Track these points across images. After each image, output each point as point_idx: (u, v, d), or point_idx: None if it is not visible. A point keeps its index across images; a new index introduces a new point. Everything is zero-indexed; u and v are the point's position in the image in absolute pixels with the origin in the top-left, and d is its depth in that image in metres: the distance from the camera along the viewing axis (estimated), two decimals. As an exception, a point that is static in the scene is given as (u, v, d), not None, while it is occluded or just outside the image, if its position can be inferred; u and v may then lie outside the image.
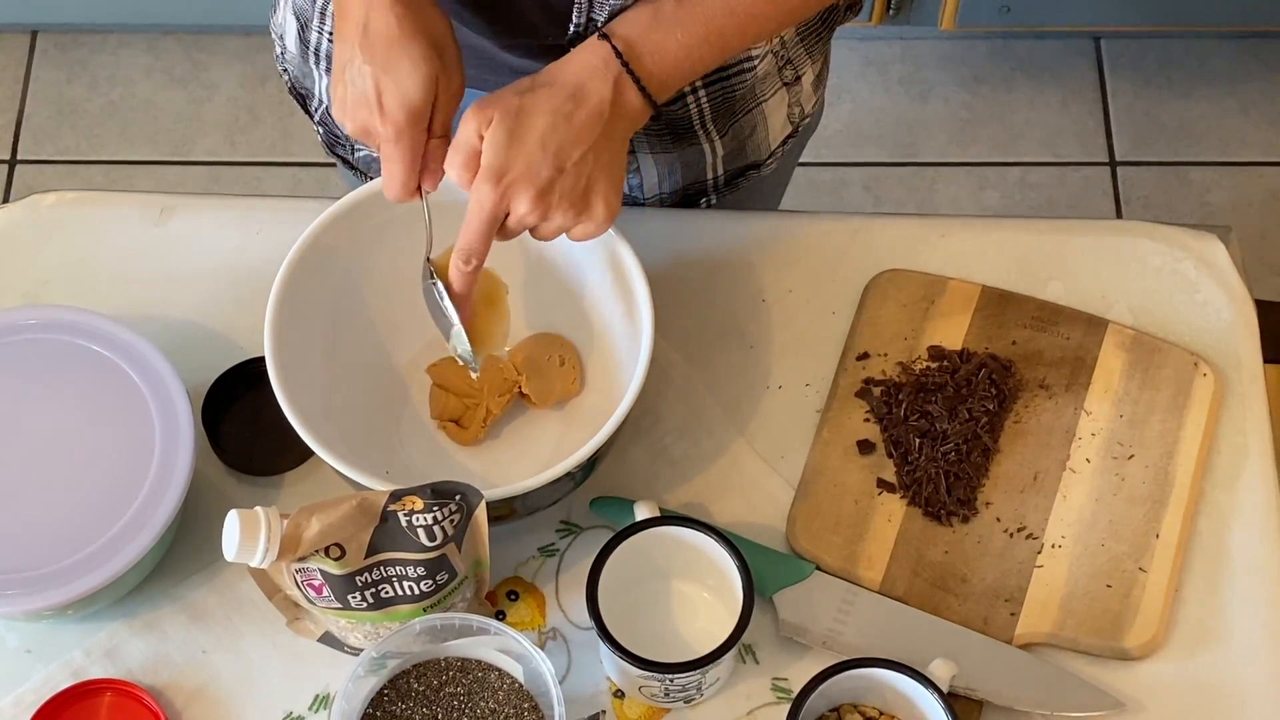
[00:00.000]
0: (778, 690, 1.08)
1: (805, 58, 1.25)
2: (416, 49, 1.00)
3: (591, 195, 1.02)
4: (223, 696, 1.08)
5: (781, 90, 1.24)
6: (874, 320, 1.19)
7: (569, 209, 1.01)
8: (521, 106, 1.00)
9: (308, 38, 1.25)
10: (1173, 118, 2.39)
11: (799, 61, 1.24)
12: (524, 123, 0.99)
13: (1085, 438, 1.14)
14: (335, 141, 1.33)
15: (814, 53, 1.26)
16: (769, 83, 1.23)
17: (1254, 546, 1.12)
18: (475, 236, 1.01)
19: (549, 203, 1.00)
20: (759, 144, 1.28)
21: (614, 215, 1.03)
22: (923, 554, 1.11)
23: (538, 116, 0.99)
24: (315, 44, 1.25)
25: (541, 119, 0.99)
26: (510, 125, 0.99)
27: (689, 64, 1.04)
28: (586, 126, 1.00)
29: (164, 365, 1.10)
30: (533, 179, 0.99)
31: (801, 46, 1.23)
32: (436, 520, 0.97)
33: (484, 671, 1.03)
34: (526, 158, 0.99)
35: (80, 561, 1.03)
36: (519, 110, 1.00)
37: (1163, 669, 1.08)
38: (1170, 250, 1.23)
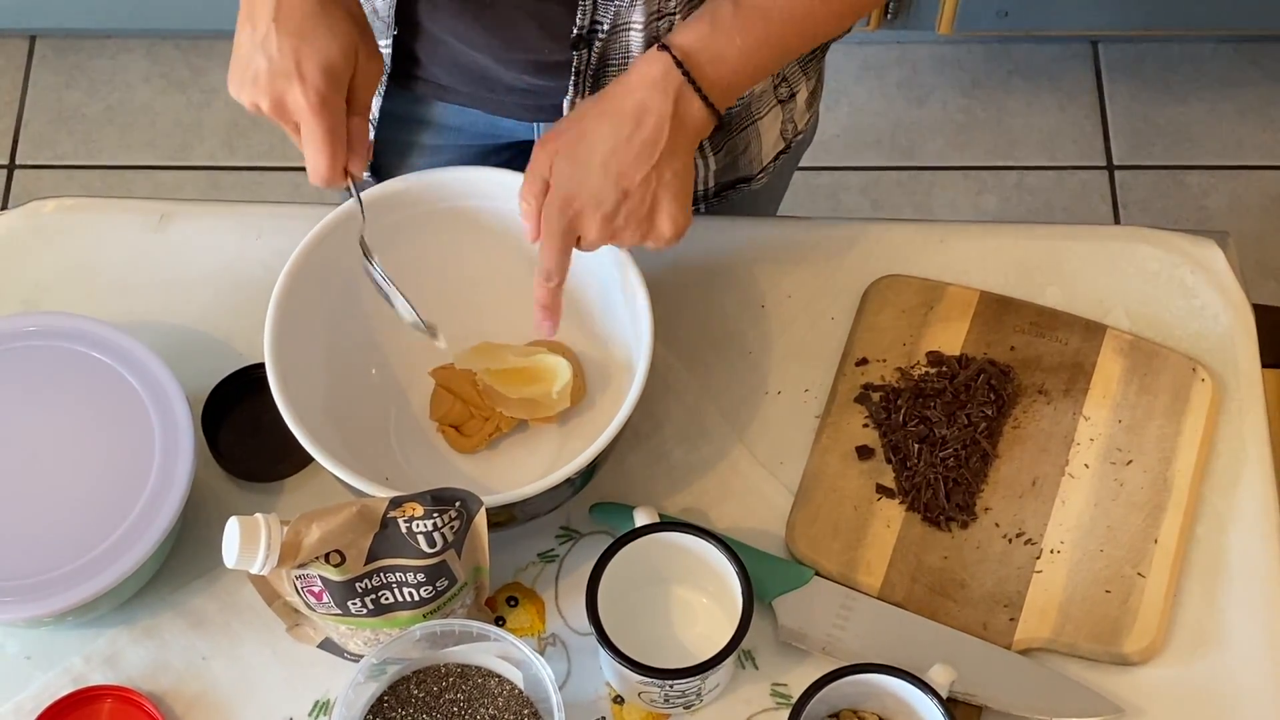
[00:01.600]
0: (777, 696, 1.08)
1: (800, 75, 1.25)
2: (335, 18, 1.01)
3: (657, 215, 1.04)
4: (222, 703, 1.08)
5: (776, 107, 1.24)
6: (873, 326, 1.20)
7: (635, 229, 1.04)
8: (583, 134, 1.02)
9: None
10: (1170, 121, 2.39)
11: (794, 79, 1.24)
12: (586, 151, 1.02)
13: (1084, 443, 1.14)
14: None
15: (809, 70, 1.26)
16: (764, 100, 1.23)
17: (1252, 552, 1.12)
18: (552, 259, 1.05)
19: (616, 226, 1.03)
20: (751, 159, 1.28)
21: (680, 231, 1.05)
22: (922, 559, 1.11)
23: (599, 143, 1.02)
24: None
25: (603, 145, 1.02)
26: (573, 154, 1.02)
27: (749, 69, 1.05)
28: (647, 148, 1.02)
29: (163, 371, 1.10)
30: (598, 205, 1.02)
31: (797, 64, 1.23)
32: (436, 527, 0.97)
33: (484, 678, 1.03)
34: (591, 185, 1.02)
35: (80, 568, 1.03)
36: (580, 138, 1.02)
37: (1161, 674, 1.08)
38: (1168, 255, 1.23)
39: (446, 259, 1.16)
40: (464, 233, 1.16)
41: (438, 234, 1.15)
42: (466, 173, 1.14)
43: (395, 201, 1.13)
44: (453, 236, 1.16)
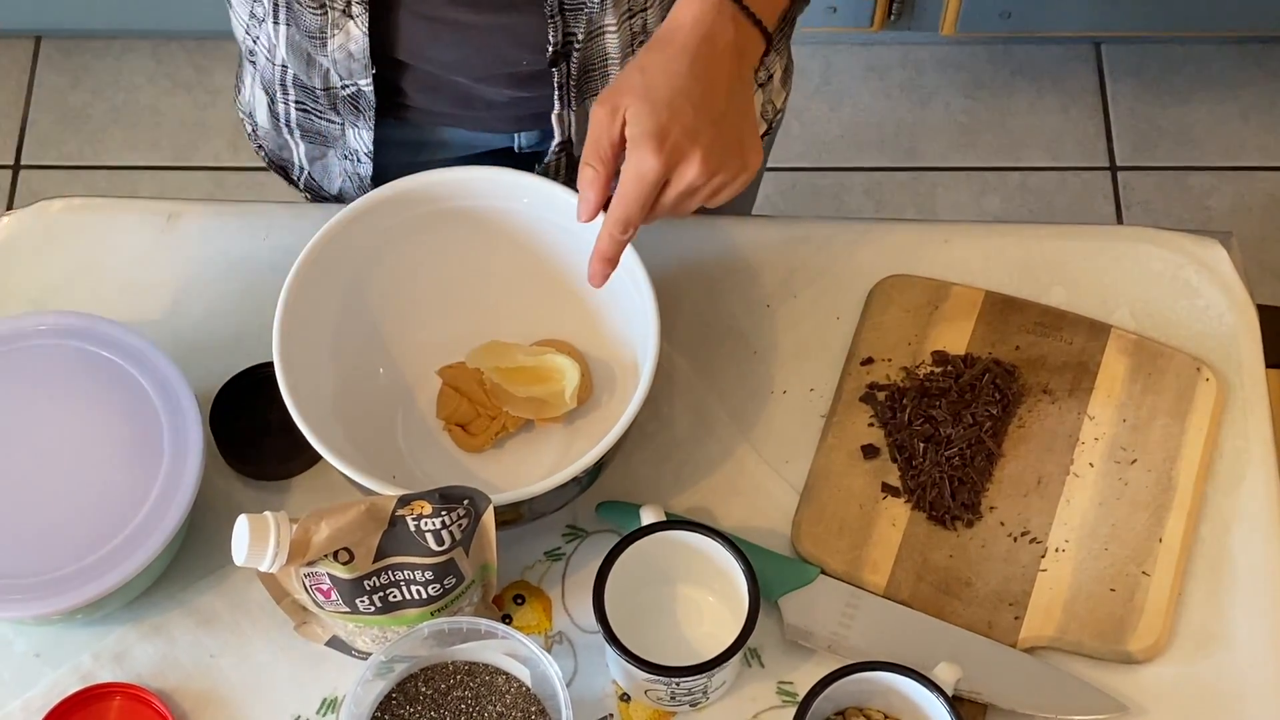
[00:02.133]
0: (783, 694, 1.09)
1: (775, 57, 1.25)
2: None
3: (745, 146, 0.99)
4: (231, 700, 1.09)
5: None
6: (878, 325, 1.20)
7: (731, 163, 0.98)
8: (653, 77, 0.96)
9: (275, 110, 1.25)
10: (1173, 122, 2.40)
11: (770, 62, 1.25)
12: (663, 88, 0.96)
13: (1088, 442, 1.15)
14: (321, 199, 1.33)
15: (780, 50, 1.26)
16: None
17: (1256, 550, 1.12)
18: (636, 205, 0.97)
19: (714, 160, 0.97)
20: None
21: (760, 161, 1.00)
22: (927, 558, 1.11)
23: (676, 76, 0.96)
24: (284, 116, 1.25)
25: (681, 78, 0.96)
26: (649, 95, 0.96)
27: None
28: (723, 76, 0.97)
29: (171, 370, 1.10)
30: (695, 139, 0.96)
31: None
32: (444, 525, 0.97)
33: (491, 675, 1.04)
34: (682, 120, 0.96)
35: (89, 566, 1.04)
36: (649, 81, 0.96)
37: (1166, 672, 1.08)
38: (1172, 255, 1.24)
39: (452, 259, 1.17)
40: (469, 232, 1.16)
41: (443, 234, 1.15)
42: (470, 172, 1.14)
43: (400, 202, 1.13)
44: (458, 236, 1.16)
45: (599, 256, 1.02)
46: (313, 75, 1.19)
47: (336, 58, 1.15)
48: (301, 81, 1.20)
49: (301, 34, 1.15)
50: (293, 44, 1.16)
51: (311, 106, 1.22)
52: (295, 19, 1.14)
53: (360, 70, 1.15)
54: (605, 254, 1.01)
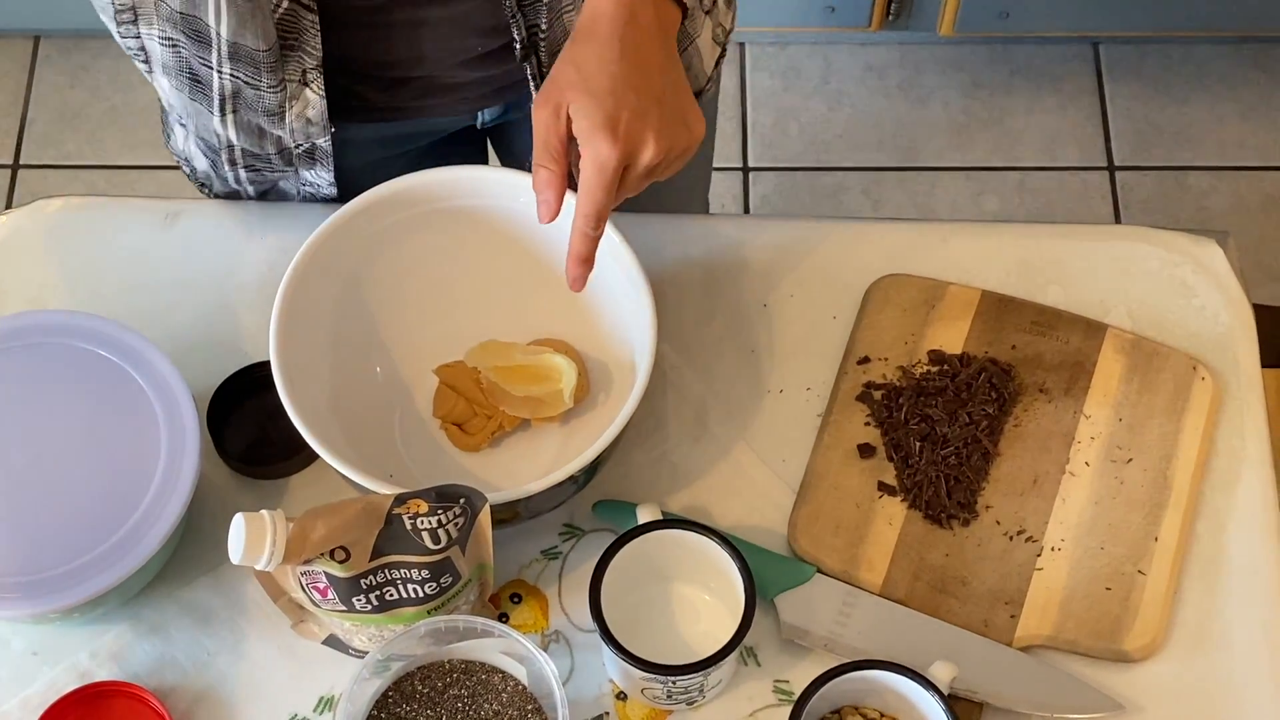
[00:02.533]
0: (779, 692, 1.09)
1: None
2: None
3: (688, 117, 1.01)
4: (228, 699, 1.09)
5: (705, 19, 1.24)
6: (874, 324, 1.20)
7: (679, 135, 0.99)
8: (584, 69, 0.97)
9: (220, 171, 1.25)
10: (1171, 122, 2.40)
11: None
12: (601, 78, 0.97)
13: (1084, 441, 1.15)
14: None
15: None
16: (697, 20, 1.22)
17: (1252, 549, 1.12)
18: (603, 195, 0.98)
19: (666, 137, 0.98)
20: (697, 75, 1.27)
21: (704, 128, 1.02)
22: (923, 557, 1.12)
23: (610, 64, 0.97)
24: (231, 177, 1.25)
25: (614, 64, 0.97)
26: (588, 87, 0.97)
27: None
28: (655, 54, 0.99)
29: (169, 369, 1.10)
30: (645, 120, 0.97)
31: None
32: (441, 524, 0.98)
33: (488, 674, 1.04)
34: (628, 105, 0.97)
35: (86, 565, 1.04)
36: (584, 74, 0.97)
37: (1162, 671, 1.09)
38: (1168, 255, 1.24)
39: (449, 258, 1.17)
40: (466, 231, 1.16)
41: (440, 233, 1.16)
42: (467, 171, 1.15)
43: (396, 201, 1.13)
44: (455, 235, 1.16)
45: (575, 259, 1.02)
46: (265, 145, 1.19)
47: (294, 126, 1.16)
48: (252, 153, 1.21)
49: (258, 115, 1.15)
50: (242, 125, 1.17)
51: (262, 166, 1.23)
52: (250, 105, 1.14)
53: (319, 131, 1.16)
54: (581, 254, 1.01)
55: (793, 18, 2.35)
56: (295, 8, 1.07)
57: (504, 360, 1.16)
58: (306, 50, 1.10)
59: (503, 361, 1.16)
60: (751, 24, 2.37)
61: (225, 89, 1.13)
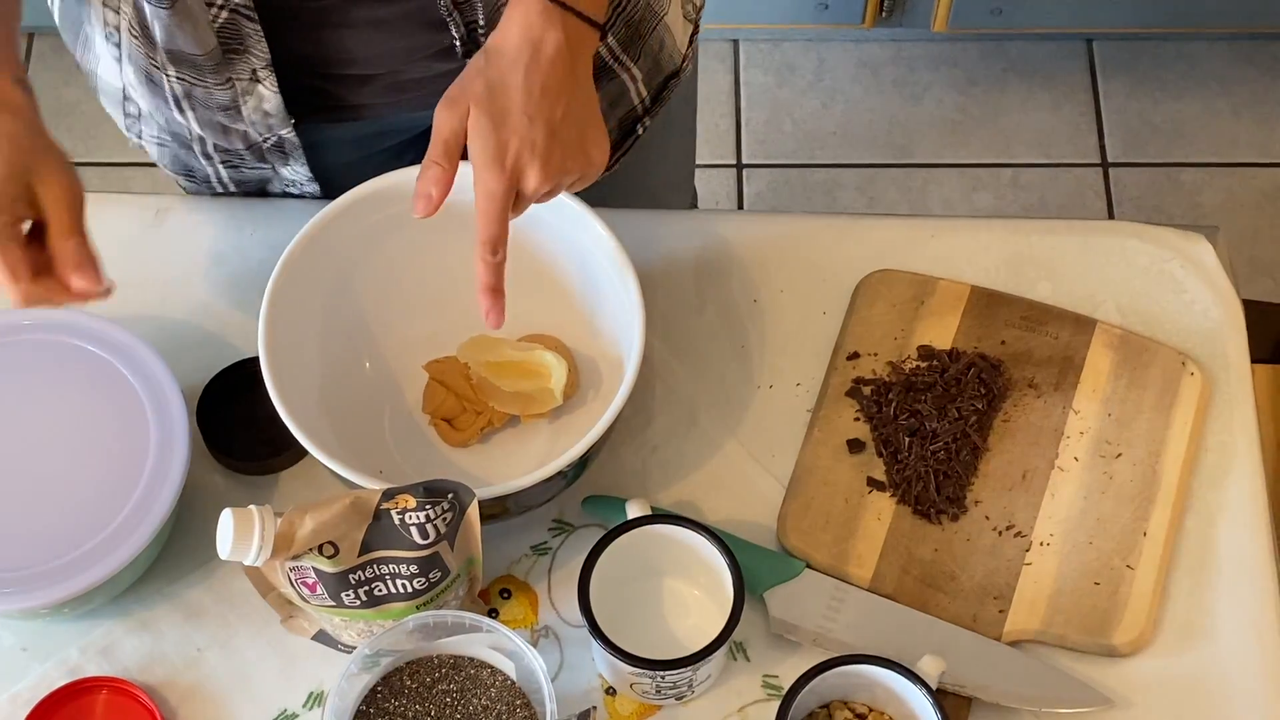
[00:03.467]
0: (768, 687, 1.09)
1: None
2: None
3: (587, 144, 1.01)
4: (217, 694, 1.09)
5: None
6: (864, 320, 1.20)
7: (574, 164, 1.01)
8: (490, 86, 0.99)
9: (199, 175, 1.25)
10: (1164, 119, 2.40)
11: None
12: (501, 100, 0.98)
13: (1073, 436, 1.15)
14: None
15: None
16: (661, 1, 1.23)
17: (1241, 544, 1.13)
18: (495, 224, 0.99)
19: (554, 167, 0.99)
20: (670, 54, 1.27)
21: (607, 155, 1.03)
22: (912, 552, 1.12)
23: (511, 89, 0.98)
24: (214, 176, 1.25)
25: (516, 90, 0.98)
26: (489, 107, 0.98)
27: None
28: (558, 81, 0.99)
29: (158, 364, 1.11)
30: (534, 150, 0.98)
31: None
32: (429, 518, 0.98)
33: (476, 669, 1.04)
34: (519, 133, 0.98)
35: (76, 560, 1.04)
36: (489, 90, 0.98)
37: (1150, 665, 1.09)
38: (1158, 250, 1.24)
39: (437, 254, 1.17)
40: (455, 227, 1.16)
41: (429, 229, 1.14)
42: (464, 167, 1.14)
43: (385, 197, 1.13)
44: (444, 231, 1.15)
45: (485, 290, 1.02)
46: (233, 140, 1.19)
47: (253, 119, 1.16)
48: (223, 146, 1.21)
49: (211, 111, 1.15)
50: (204, 121, 1.17)
51: (239, 161, 1.23)
52: (201, 103, 1.14)
53: (279, 123, 1.16)
54: (490, 284, 1.02)
55: (786, 15, 2.35)
56: (235, 17, 1.07)
57: (494, 355, 1.16)
58: (253, 53, 1.10)
59: (493, 357, 1.16)
60: (745, 21, 2.38)
61: (175, 90, 1.14)
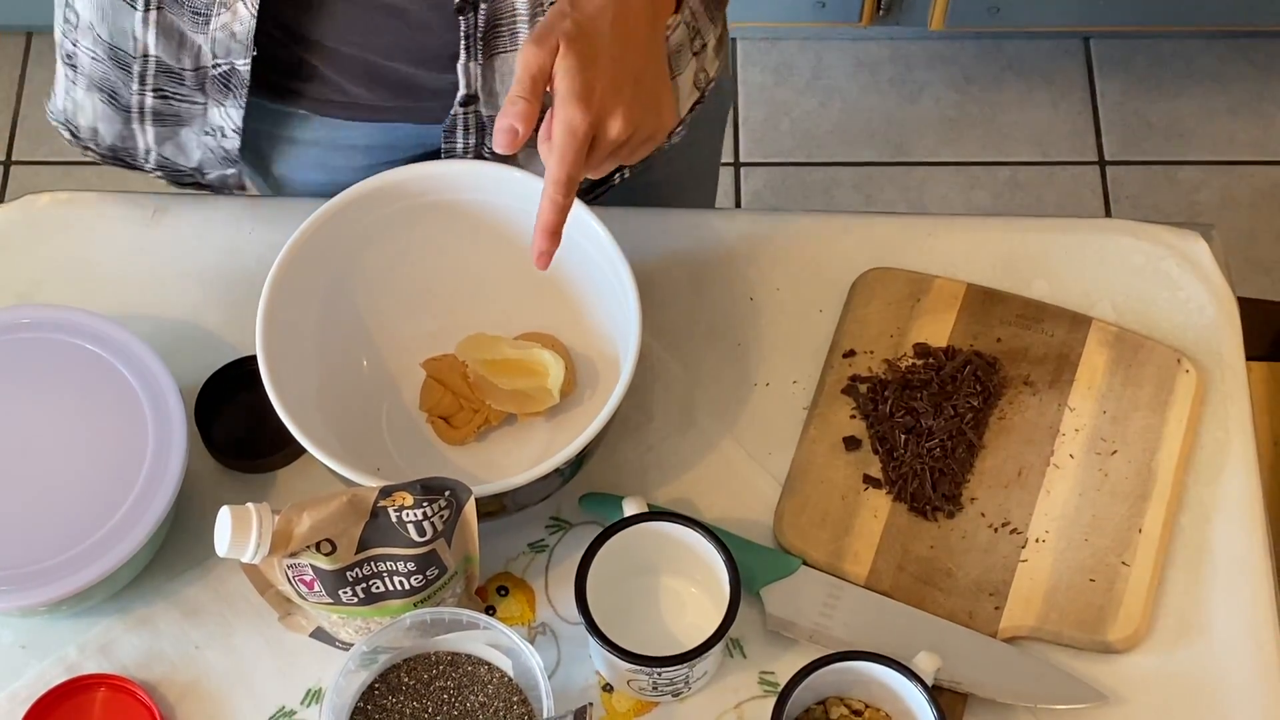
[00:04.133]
0: (765, 684, 1.09)
1: (710, 25, 1.25)
2: None
3: (661, 103, 1.01)
4: (215, 691, 1.09)
5: (692, 60, 1.24)
6: (860, 318, 1.21)
7: (650, 119, 1.00)
8: (579, 26, 0.98)
9: (120, 101, 1.20)
10: (1162, 117, 2.40)
11: (704, 30, 1.24)
12: (593, 43, 0.97)
13: (1069, 433, 1.15)
14: (180, 176, 1.28)
15: (715, 19, 1.26)
16: (683, 57, 1.22)
17: (1236, 541, 1.13)
18: (572, 163, 0.98)
19: (634, 116, 0.99)
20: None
21: (675, 119, 1.03)
22: (908, 549, 1.12)
23: (600, 34, 0.98)
24: (135, 105, 1.20)
25: (604, 36, 0.98)
26: (580, 48, 0.97)
27: None
28: (641, 33, 1.00)
29: (156, 363, 1.11)
30: (619, 95, 0.98)
31: (705, 14, 1.23)
32: (426, 516, 0.98)
33: (474, 666, 1.04)
34: (606, 75, 0.97)
35: (74, 558, 1.04)
36: (579, 30, 0.97)
37: (1145, 662, 1.09)
38: (1153, 248, 1.24)
39: (435, 252, 1.17)
40: (453, 225, 1.17)
41: (426, 228, 1.16)
42: (455, 166, 1.15)
43: (384, 196, 1.13)
44: (442, 229, 1.17)
45: (544, 230, 0.99)
46: (183, 58, 1.16)
47: (217, 36, 1.13)
48: (166, 66, 1.17)
49: (183, 13, 1.12)
50: (164, 28, 1.14)
51: (172, 91, 1.19)
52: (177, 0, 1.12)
53: (240, 50, 1.13)
54: (550, 225, 0.99)
55: (784, 13, 2.36)
56: None
57: (492, 353, 1.16)
58: None
59: (490, 355, 1.16)
60: (743, 19, 2.38)
61: None
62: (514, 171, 1.13)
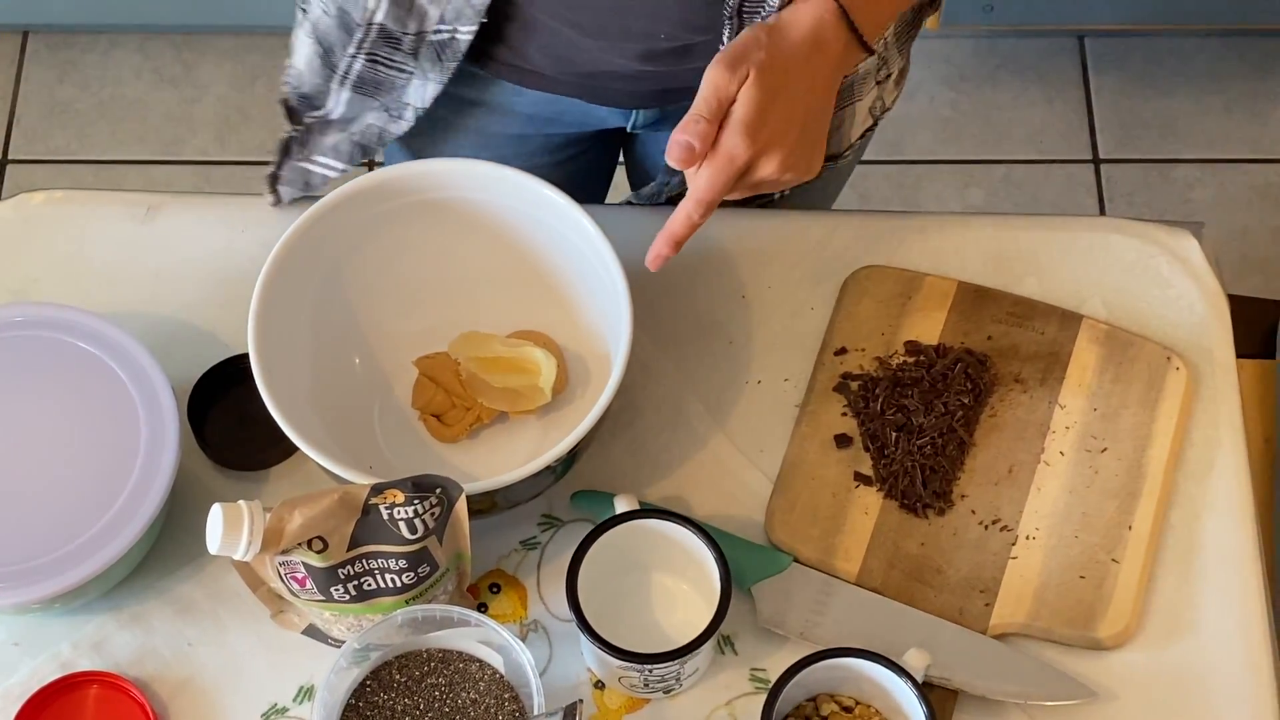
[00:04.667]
0: (756, 681, 1.10)
1: (896, 55, 1.26)
2: None
3: (815, 153, 1.02)
4: (208, 688, 1.10)
5: (874, 89, 1.26)
6: (852, 316, 1.21)
7: (799, 168, 1.01)
8: (773, 60, 0.98)
9: (333, 62, 1.19)
10: (1156, 115, 2.41)
11: (891, 60, 1.25)
12: (780, 80, 0.98)
13: (1059, 431, 1.16)
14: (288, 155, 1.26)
15: (903, 50, 1.27)
16: (866, 84, 1.24)
17: (1225, 538, 1.13)
18: (720, 188, 0.98)
19: (789, 162, 0.99)
20: (841, 138, 1.29)
21: (818, 170, 1.03)
22: (899, 546, 1.12)
23: (792, 75, 0.98)
24: (344, 68, 1.19)
25: (795, 77, 0.98)
26: (768, 82, 0.97)
27: (892, 6, 1.04)
28: (824, 81, 1.00)
29: (148, 360, 1.11)
30: (784, 139, 0.98)
31: (895, 45, 1.24)
32: (417, 513, 0.98)
33: (465, 662, 1.05)
34: (781, 116, 0.98)
35: (67, 555, 1.05)
36: (773, 66, 0.97)
37: (1135, 658, 1.09)
38: (1144, 246, 1.24)
39: (428, 250, 1.17)
40: (450, 223, 1.17)
41: (419, 225, 1.16)
42: (449, 164, 1.15)
43: (376, 194, 1.14)
44: (435, 228, 1.17)
45: (670, 239, 1.01)
46: (408, 23, 1.13)
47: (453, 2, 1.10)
48: (389, 33, 1.14)
49: None
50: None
51: (385, 57, 1.17)
52: None
53: (471, 16, 1.11)
54: (677, 235, 1.01)
55: (779, 12, 2.36)
56: None
57: (484, 351, 1.17)
58: None
59: (483, 352, 1.17)
60: (738, 18, 2.38)
61: None
62: (507, 170, 1.14)
